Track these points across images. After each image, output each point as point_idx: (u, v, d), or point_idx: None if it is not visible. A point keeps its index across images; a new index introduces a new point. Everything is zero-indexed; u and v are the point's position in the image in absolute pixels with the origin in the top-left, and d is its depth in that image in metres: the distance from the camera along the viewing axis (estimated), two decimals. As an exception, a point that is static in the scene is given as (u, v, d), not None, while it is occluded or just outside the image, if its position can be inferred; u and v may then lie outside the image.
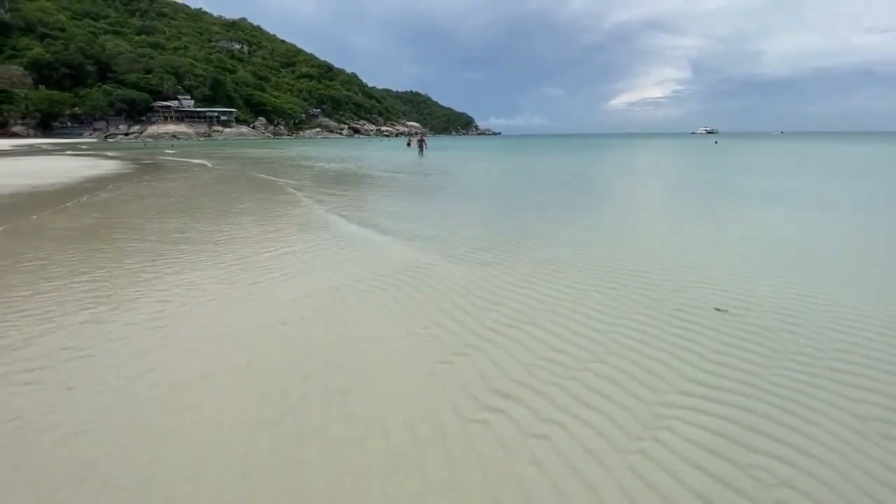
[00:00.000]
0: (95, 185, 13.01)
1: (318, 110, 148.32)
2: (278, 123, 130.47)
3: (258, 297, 3.94)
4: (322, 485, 1.87)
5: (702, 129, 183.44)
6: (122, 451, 2.05)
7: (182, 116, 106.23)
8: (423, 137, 33.04)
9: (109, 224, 7.24)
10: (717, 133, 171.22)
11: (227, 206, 9.26)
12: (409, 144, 43.10)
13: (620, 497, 1.80)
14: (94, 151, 36.53)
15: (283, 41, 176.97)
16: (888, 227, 7.09)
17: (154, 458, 2.02)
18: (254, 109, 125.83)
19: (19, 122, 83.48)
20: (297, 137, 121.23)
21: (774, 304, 3.71)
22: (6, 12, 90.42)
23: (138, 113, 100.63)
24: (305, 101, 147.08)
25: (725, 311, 3.56)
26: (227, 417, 2.30)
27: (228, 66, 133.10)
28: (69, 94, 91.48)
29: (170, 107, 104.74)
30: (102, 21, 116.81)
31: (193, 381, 2.63)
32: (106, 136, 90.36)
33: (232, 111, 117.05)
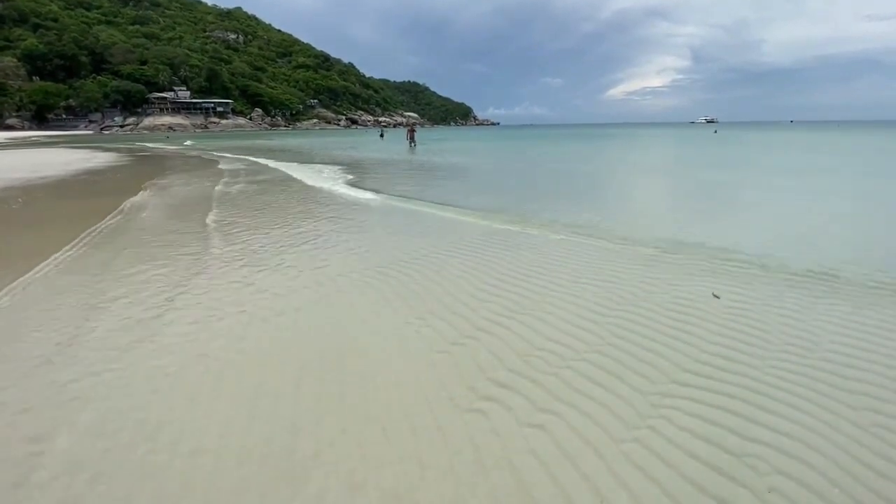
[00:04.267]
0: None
1: (316, 101, 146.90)
2: (275, 115, 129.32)
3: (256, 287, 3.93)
4: (318, 475, 1.89)
5: (702, 119, 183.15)
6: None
7: (178, 108, 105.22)
8: (414, 129, 30.82)
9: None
10: (717, 122, 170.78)
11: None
12: (382, 136, 42.92)
13: (615, 485, 1.82)
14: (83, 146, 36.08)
15: (278, 31, 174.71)
16: None
17: (148, 450, 2.03)
18: (250, 100, 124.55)
19: (14, 114, 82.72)
20: (294, 129, 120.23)
21: (770, 294, 3.71)
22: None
23: (134, 104, 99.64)
24: (302, 91, 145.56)
25: (719, 297, 3.58)
26: (224, 407, 2.31)
27: (224, 56, 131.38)
28: (64, 85, 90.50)
29: (165, 98, 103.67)
30: (95, 11, 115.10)
31: (191, 369, 2.64)
32: (101, 129, 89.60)
33: (228, 102, 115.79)
